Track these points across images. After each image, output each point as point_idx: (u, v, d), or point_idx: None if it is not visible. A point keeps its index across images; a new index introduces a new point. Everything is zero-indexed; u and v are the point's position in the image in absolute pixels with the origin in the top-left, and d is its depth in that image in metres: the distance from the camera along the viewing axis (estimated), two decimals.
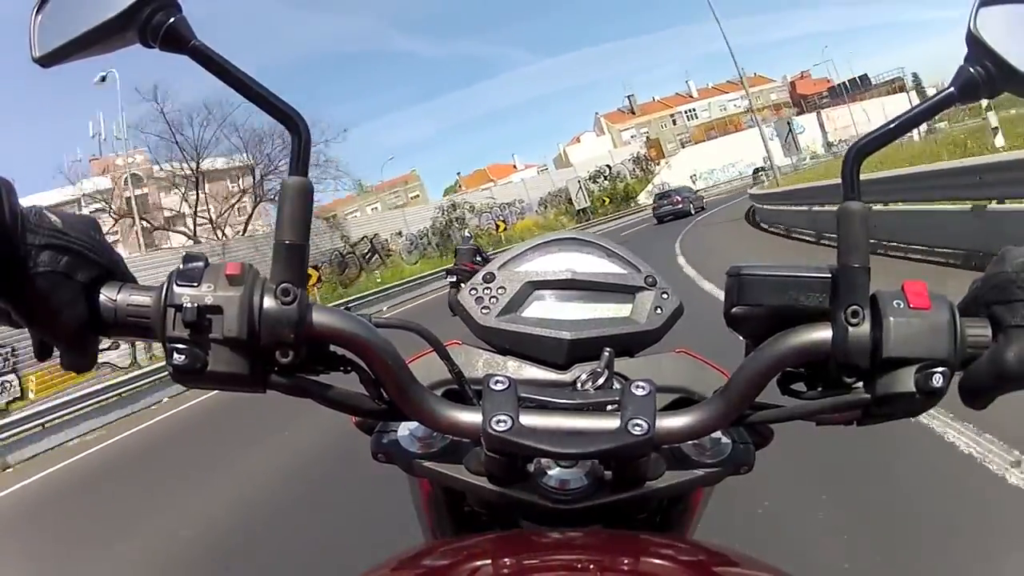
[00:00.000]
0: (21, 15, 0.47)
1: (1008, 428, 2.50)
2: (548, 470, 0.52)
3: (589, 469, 0.52)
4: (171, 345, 0.43)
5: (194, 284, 0.43)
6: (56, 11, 0.46)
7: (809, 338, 0.46)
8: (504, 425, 0.46)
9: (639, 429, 0.45)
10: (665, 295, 0.63)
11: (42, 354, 0.45)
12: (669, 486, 0.52)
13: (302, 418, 5.18)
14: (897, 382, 0.44)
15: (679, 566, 0.47)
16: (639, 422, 0.46)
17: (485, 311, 0.63)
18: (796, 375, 0.49)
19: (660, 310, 0.62)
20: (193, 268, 0.44)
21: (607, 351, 0.58)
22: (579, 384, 0.56)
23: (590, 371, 0.57)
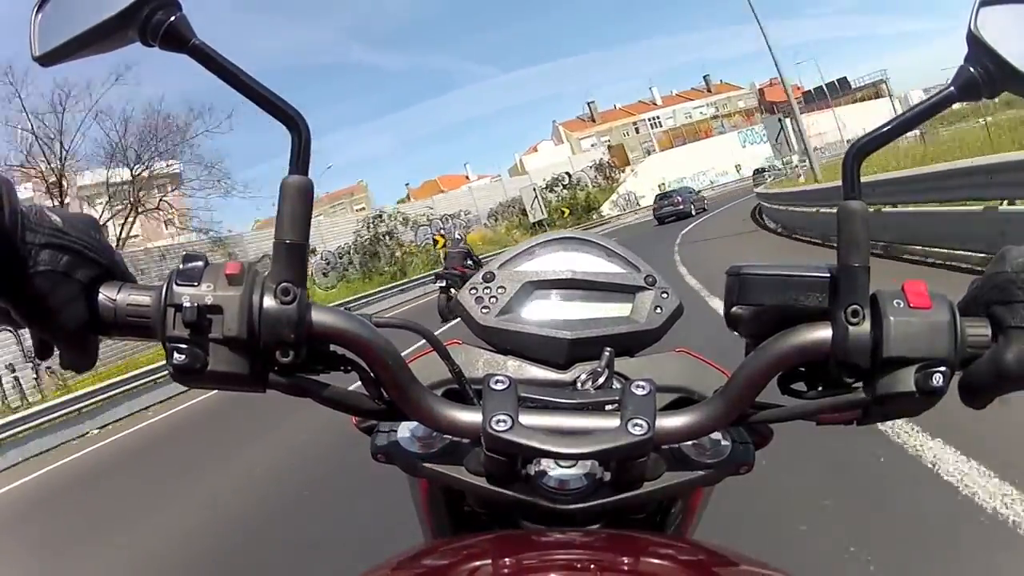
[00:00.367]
0: None
1: None
2: (548, 470, 0.52)
3: (589, 469, 0.52)
4: (171, 345, 0.43)
5: (194, 284, 0.44)
6: (56, 10, 0.47)
7: (809, 337, 0.46)
8: (504, 425, 0.46)
9: (639, 429, 0.46)
10: (665, 294, 0.63)
11: (43, 353, 0.45)
12: (668, 486, 0.52)
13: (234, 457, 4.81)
14: (897, 382, 0.44)
15: (679, 566, 0.47)
16: (639, 422, 0.46)
17: (485, 311, 0.63)
18: (796, 375, 0.49)
19: (660, 309, 0.62)
20: (193, 268, 0.44)
21: (607, 351, 0.58)
22: (579, 384, 0.57)
23: (590, 371, 0.57)
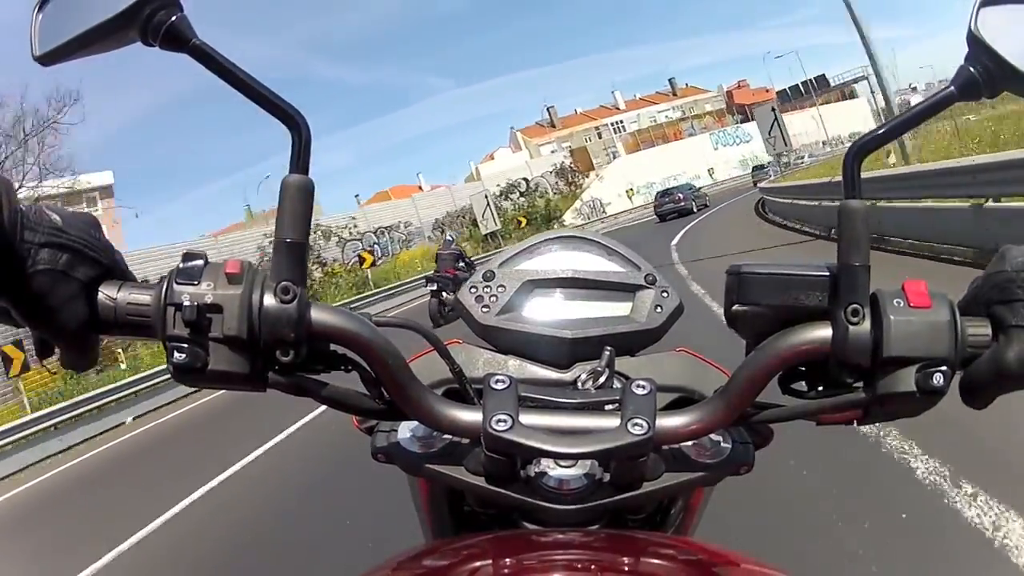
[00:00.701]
0: None
1: None
2: (548, 470, 0.52)
3: (588, 469, 0.52)
4: (171, 344, 0.43)
5: (194, 282, 0.43)
6: (57, 10, 0.46)
7: (809, 337, 0.46)
8: (504, 424, 0.46)
9: (639, 429, 0.46)
10: (665, 294, 0.63)
11: (43, 353, 0.45)
12: (668, 486, 0.52)
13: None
14: (898, 381, 0.44)
15: (679, 566, 0.47)
16: (639, 422, 0.46)
17: (485, 310, 0.62)
18: (796, 374, 0.49)
19: (660, 308, 0.62)
20: (193, 266, 0.44)
21: (608, 350, 0.58)
22: (580, 383, 0.57)
23: (591, 370, 0.57)
